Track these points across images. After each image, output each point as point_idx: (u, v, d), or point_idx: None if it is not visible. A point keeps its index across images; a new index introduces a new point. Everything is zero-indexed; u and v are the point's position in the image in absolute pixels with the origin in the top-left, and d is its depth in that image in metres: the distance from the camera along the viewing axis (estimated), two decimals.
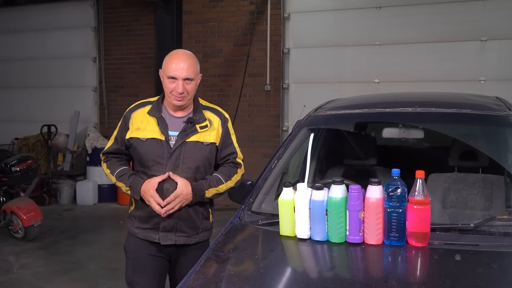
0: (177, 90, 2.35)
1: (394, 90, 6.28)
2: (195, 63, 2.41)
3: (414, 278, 1.69)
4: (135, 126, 2.43)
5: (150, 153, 2.38)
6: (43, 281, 4.56)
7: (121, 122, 2.52)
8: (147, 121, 2.42)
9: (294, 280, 1.74)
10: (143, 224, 2.44)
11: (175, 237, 2.42)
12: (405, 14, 6.76)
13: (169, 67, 2.37)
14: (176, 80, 2.35)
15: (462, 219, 2.41)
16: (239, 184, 2.56)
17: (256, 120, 7.59)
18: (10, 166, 5.98)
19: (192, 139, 2.40)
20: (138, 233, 2.46)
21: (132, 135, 2.42)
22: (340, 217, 1.90)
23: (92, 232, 6.32)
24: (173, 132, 2.41)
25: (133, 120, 2.45)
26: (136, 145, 2.41)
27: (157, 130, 2.39)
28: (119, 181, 2.45)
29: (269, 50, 7.39)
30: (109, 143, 2.55)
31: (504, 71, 6.35)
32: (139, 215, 2.45)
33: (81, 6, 8.74)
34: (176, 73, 2.34)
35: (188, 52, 2.45)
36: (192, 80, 2.38)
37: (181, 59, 2.38)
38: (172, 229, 2.41)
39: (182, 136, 2.39)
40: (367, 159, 3.16)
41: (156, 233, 2.42)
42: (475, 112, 2.48)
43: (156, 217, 2.39)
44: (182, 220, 2.41)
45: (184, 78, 2.35)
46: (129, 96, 8.33)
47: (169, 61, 2.39)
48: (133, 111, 2.48)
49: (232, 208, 2.78)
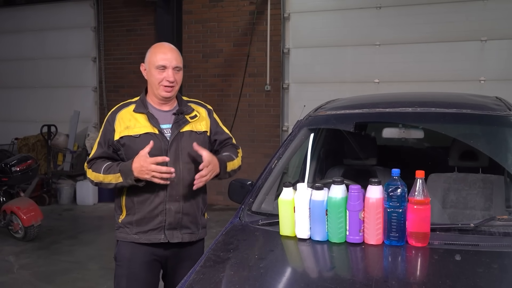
0: (168, 78, 2.34)
1: (394, 90, 6.29)
2: (180, 55, 2.44)
3: (414, 278, 1.69)
4: (124, 126, 2.36)
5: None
6: (43, 281, 4.56)
7: (104, 126, 2.43)
8: (135, 118, 2.38)
9: (294, 280, 1.75)
10: (144, 226, 2.36)
11: (181, 234, 2.39)
12: (405, 14, 6.76)
13: (156, 57, 2.36)
14: (165, 69, 2.35)
15: (462, 219, 2.41)
16: (239, 185, 2.56)
17: (256, 120, 7.59)
18: (10, 166, 5.99)
19: (186, 129, 2.40)
20: (139, 238, 2.37)
21: (123, 134, 2.35)
22: (340, 217, 1.90)
23: (92, 232, 6.33)
24: (164, 125, 2.39)
25: (119, 121, 2.38)
26: (129, 143, 2.35)
27: (148, 125, 2.36)
28: (106, 174, 2.31)
29: (269, 50, 7.39)
30: (92, 151, 2.45)
31: (504, 71, 6.35)
32: (136, 219, 2.37)
33: (81, 6, 8.74)
34: (166, 62, 2.34)
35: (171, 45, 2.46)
36: (180, 70, 2.40)
37: (168, 49, 2.40)
38: (177, 225, 2.38)
39: (176, 127, 2.38)
40: (367, 159, 3.16)
41: (161, 232, 2.36)
42: (475, 112, 2.48)
43: (160, 216, 2.34)
44: (186, 215, 2.39)
45: (174, 66, 2.36)
46: (129, 96, 8.19)
47: (156, 52, 2.38)
48: (117, 113, 2.41)
49: (232, 208, 2.78)
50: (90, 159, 2.43)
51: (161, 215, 2.35)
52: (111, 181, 2.32)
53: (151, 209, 2.35)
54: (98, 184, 2.39)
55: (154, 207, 2.35)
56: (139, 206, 2.36)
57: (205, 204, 2.54)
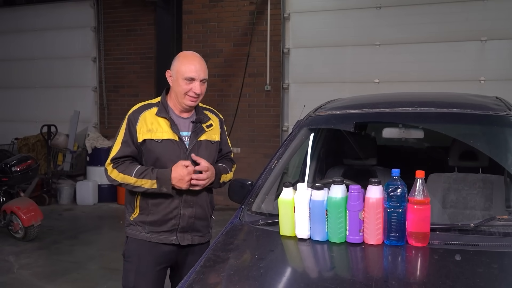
0: (195, 91, 2.39)
1: (394, 90, 6.28)
2: (206, 66, 2.50)
3: (414, 278, 1.69)
4: (146, 128, 2.38)
5: (168, 153, 2.38)
6: (43, 281, 4.56)
7: (126, 125, 2.42)
8: (157, 122, 2.41)
9: (294, 280, 1.74)
10: (158, 227, 2.42)
11: (191, 237, 2.47)
12: (405, 14, 6.76)
13: (186, 68, 2.40)
14: (193, 81, 2.40)
15: (462, 219, 2.41)
16: (239, 185, 2.57)
17: (256, 120, 7.59)
18: (10, 166, 5.99)
19: (203, 138, 2.47)
20: (151, 237, 2.43)
21: (145, 137, 2.38)
22: (340, 217, 1.90)
23: (92, 232, 6.33)
24: (183, 133, 2.45)
25: (142, 122, 2.40)
26: (151, 147, 2.38)
27: (170, 131, 2.40)
28: (141, 178, 2.33)
29: (269, 50, 7.39)
30: (115, 149, 2.41)
31: (504, 71, 6.35)
32: (151, 220, 2.42)
33: (81, 6, 8.74)
34: (195, 75, 2.40)
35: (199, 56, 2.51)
36: (206, 82, 2.47)
37: (197, 60, 2.45)
38: (189, 229, 2.45)
39: (194, 136, 2.45)
40: (367, 159, 3.16)
41: (173, 234, 2.43)
42: (475, 112, 2.48)
43: (174, 219, 2.42)
44: (198, 219, 2.47)
45: (202, 79, 2.42)
46: (129, 96, 8.34)
47: (186, 63, 2.41)
48: (140, 113, 2.42)
49: (232, 208, 2.78)
50: (115, 157, 2.39)
51: (175, 219, 2.42)
52: (144, 185, 2.34)
53: (166, 213, 2.41)
54: (123, 185, 2.39)
55: (170, 211, 2.42)
56: (153, 208, 2.42)
57: (213, 207, 2.62)
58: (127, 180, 2.36)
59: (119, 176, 2.37)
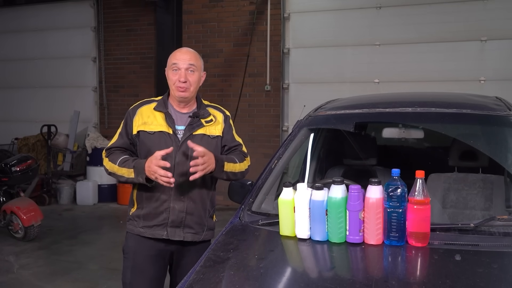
0: (180, 78, 2.39)
1: (394, 90, 6.28)
2: (198, 58, 2.48)
3: (414, 278, 1.69)
4: (142, 121, 2.44)
5: (159, 146, 2.37)
6: (43, 281, 4.56)
7: (125, 118, 2.51)
8: (153, 115, 2.45)
9: (294, 280, 1.74)
10: (150, 221, 2.44)
11: (183, 233, 2.44)
12: (405, 14, 6.76)
13: (172, 58, 2.45)
14: (178, 70, 2.40)
15: (462, 219, 2.41)
16: (239, 185, 2.57)
17: (256, 120, 7.59)
18: (10, 166, 5.99)
19: (198, 132, 2.45)
20: (144, 232, 2.45)
21: (140, 129, 2.44)
22: (340, 217, 1.90)
23: (92, 232, 6.33)
24: (179, 127, 2.45)
25: (139, 116, 2.47)
26: (144, 138, 2.43)
27: (164, 124, 2.43)
28: (122, 167, 2.37)
29: (269, 50, 7.39)
30: (112, 140, 2.51)
31: (504, 71, 6.35)
32: (144, 213, 2.45)
33: (81, 6, 8.74)
34: (179, 61, 2.41)
35: (192, 49, 2.51)
36: (195, 71, 2.43)
37: (184, 51, 2.48)
38: (180, 224, 2.43)
39: (189, 129, 2.44)
40: (367, 159, 3.16)
41: (164, 229, 2.43)
42: (475, 112, 2.48)
43: (164, 213, 2.41)
44: (190, 215, 2.43)
45: (186, 67, 2.40)
46: (129, 96, 8.34)
47: (173, 54, 2.47)
48: (139, 107, 2.50)
49: (232, 208, 2.78)
50: (109, 147, 2.49)
51: (165, 212, 2.42)
52: (124, 174, 2.38)
53: (156, 206, 2.42)
54: (112, 174, 2.45)
55: (160, 204, 2.42)
56: (146, 201, 2.44)
57: (213, 206, 2.57)
58: (112, 168, 2.42)
59: (108, 164, 2.45)
